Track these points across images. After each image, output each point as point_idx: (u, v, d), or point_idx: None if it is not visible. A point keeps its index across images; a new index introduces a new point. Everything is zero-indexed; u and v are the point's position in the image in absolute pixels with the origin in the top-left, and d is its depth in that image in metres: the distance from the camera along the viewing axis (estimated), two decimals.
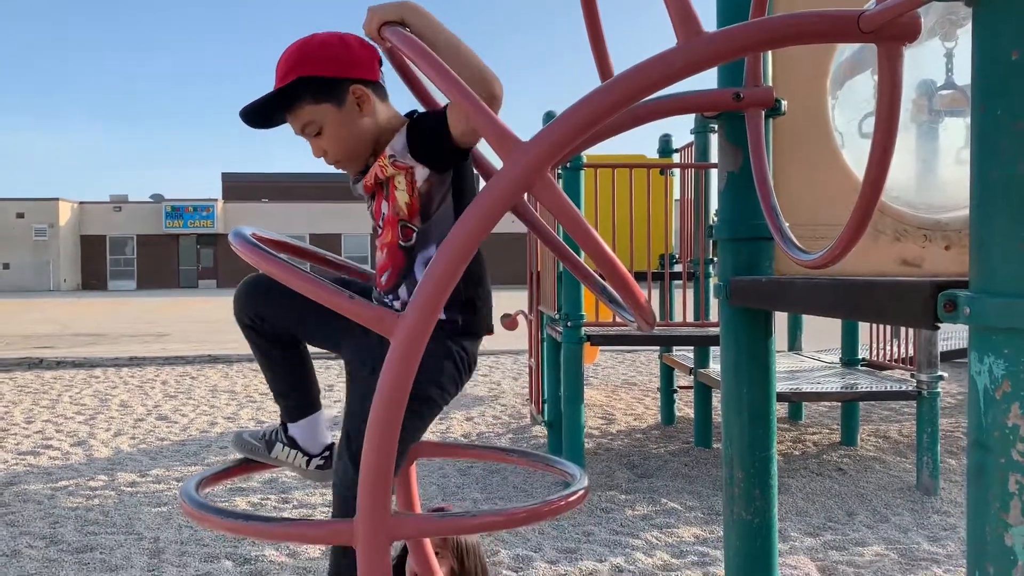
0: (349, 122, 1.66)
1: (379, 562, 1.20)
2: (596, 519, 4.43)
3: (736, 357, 1.99)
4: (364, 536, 1.18)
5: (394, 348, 1.19)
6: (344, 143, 1.69)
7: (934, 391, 4.85)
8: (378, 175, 1.68)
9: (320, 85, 1.64)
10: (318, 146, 1.71)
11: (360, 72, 1.66)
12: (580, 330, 4.96)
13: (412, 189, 1.64)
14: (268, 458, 1.76)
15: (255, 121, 1.70)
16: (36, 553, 3.90)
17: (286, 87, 1.63)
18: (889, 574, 3.68)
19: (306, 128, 1.69)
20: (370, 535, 1.18)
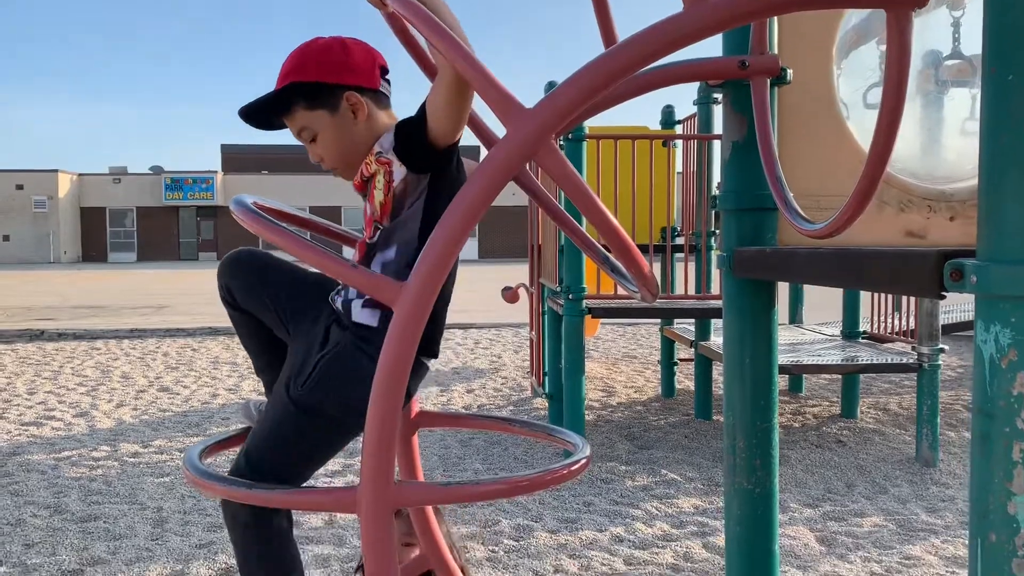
0: (343, 129, 1.65)
1: (382, 530, 1.20)
2: (596, 490, 4.46)
3: (739, 328, 1.98)
4: (367, 504, 1.18)
5: (397, 316, 1.18)
6: (338, 150, 1.67)
7: (935, 363, 4.86)
8: (364, 172, 1.67)
9: (314, 91, 1.63)
10: (314, 151, 1.70)
11: (356, 79, 1.64)
12: (581, 302, 4.96)
13: (388, 188, 1.62)
14: None
15: (255, 123, 1.69)
16: (40, 522, 3.93)
17: (280, 92, 1.63)
18: (887, 544, 3.71)
19: (302, 133, 1.68)
20: (373, 503, 1.18)
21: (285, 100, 1.63)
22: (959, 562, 3.50)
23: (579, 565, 3.46)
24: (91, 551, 3.57)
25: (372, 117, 1.66)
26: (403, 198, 1.61)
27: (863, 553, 3.60)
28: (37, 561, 3.45)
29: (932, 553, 3.61)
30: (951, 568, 3.44)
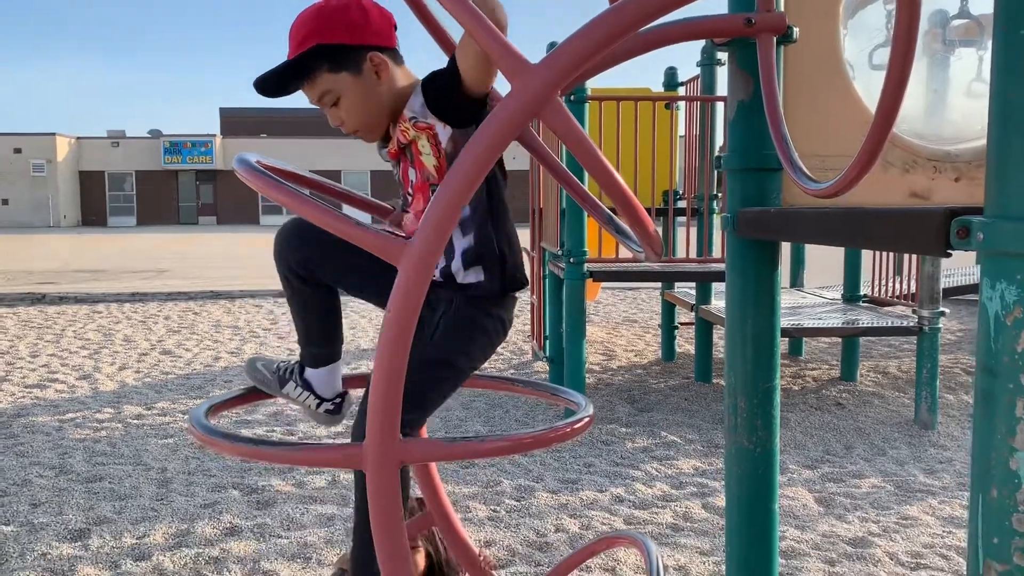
0: (367, 91, 1.62)
1: (388, 485, 1.21)
2: (597, 451, 4.50)
3: (742, 289, 1.98)
4: (373, 460, 1.19)
5: (401, 275, 1.18)
6: (362, 112, 1.65)
7: (935, 327, 4.87)
8: (400, 139, 1.64)
9: (338, 53, 1.59)
10: (335, 115, 1.67)
11: (378, 39, 1.61)
12: (583, 266, 4.96)
13: (438, 151, 1.60)
14: (278, 392, 1.76)
15: (269, 90, 1.66)
16: (46, 482, 3.96)
17: (303, 55, 1.59)
18: (885, 505, 3.75)
19: (323, 97, 1.64)
20: (379, 458, 1.19)
21: (308, 64, 1.60)
22: (956, 522, 3.54)
23: (580, 525, 3.50)
24: (97, 511, 3.61)
25: (393, 76, 1.64)
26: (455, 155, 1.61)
27: (861, 513, 3.64)
28: (44, 520, 3.49)
29: (929, 513, 3.65)
30: (948, 528, 3.48)
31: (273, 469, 4.15)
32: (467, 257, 1.63)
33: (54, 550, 3.21)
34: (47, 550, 3.20)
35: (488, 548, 3.24)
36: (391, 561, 1.24)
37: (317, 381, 1.77)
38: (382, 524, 1.24)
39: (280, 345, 7.73)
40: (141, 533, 3.38)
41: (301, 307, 1.75)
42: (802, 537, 3.38)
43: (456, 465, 4.18)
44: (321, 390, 1.77)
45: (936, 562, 3.16)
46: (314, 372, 1.77)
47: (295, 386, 1.76)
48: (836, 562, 3.15)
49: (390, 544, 1.24)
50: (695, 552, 3.25)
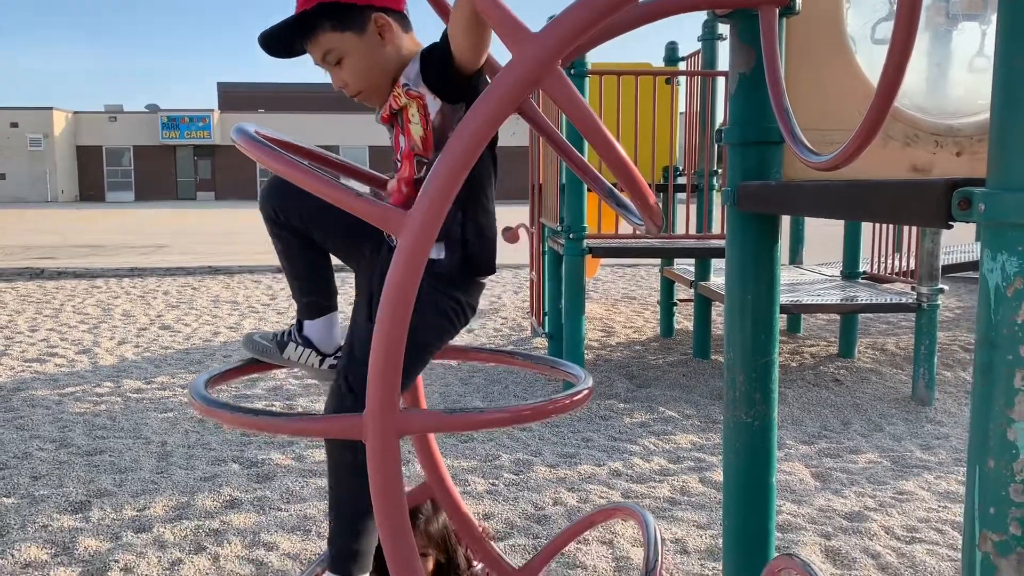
0: (370, 52, 1.60)
1: (388, 456, 1.22)
2: (595, 426, 4.51)
3: (742, 263, 1.98)
4: (373, 430, 1.19)
5: (401, 245, 1.18)
6: (365, 74, 1.62)
7: (934, 303, 4.88)
8: (392, 105, 1.63)
9: (342, 12, 1.58)
10: (338, 76, 1.65)
11: (385, 1, 1.60)
12: (582, 242, 4.95)
13: (426, 122, 1.59)
14: (279, 359, 1.74)
15: (275, 50, 1.64)
16: (46, 455, 3.98)
17: (307, 12, 1.57)
18: (881, 480, 3.77)
19: (326, 56, 1.63)
20: (379, 429, 1.19)
21: (312, 22, 1.59)
22: (951, 497, 3.57)
23: (578, 498, 3.52)
24: (97, 483, 3.63)
25: (398, 40, 1.62)
26: (444, 130, 1.59)
27: (857, 488, 3.67)
28: (44, 492, 3.51)
29: (925, 488, 3.67)
30: (943, 503, 3.51)
31: (273, 443, 4.16)
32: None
33: (55, 522, 3.23)
34: (48, 522, 3.22)
35: (487, 521, 3.26)
36: (393, 534, 1.25)
37: (316, 335, 1.75)
38: (383, 496, 1.24)
39: (279, 320, 7.74)
40: (141, 505, 3.40)
41: (289, 256, 1.74)
42: (799, 511, 3.41)
43: (455, 439, 4.20)
44: (322, 345, 1.75)
45: (931, 536, 3.18)
46: (312, 325, 1.76)
47: (295, 346, 1.75)
48: (832, 536, 3.18)
49: (391, 517, 1.24)
50: (692, 525, 3.27)
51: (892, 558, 2.99)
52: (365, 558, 1.55)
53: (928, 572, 2.89)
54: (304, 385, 5.32)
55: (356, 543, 1.53)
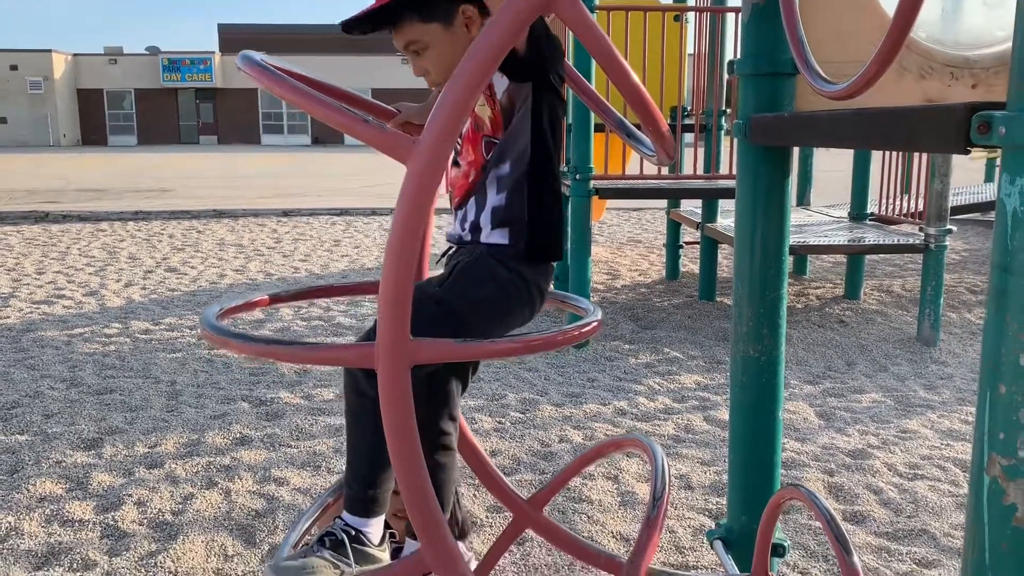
0: (455, 44, 1.56)
1: (399, 385, 1.22)
2: (600, 367, 4.54)
3: (752, 197, 1.96)
4: (385, 358, 1.20)
5: (409, 175, 1.17)
6: (448, 66, 1.57)
7: (941, 244, 4.86)
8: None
9: (431, 3, 1.54)
10: (419, 65, 1.60)
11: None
12: (588, 183, 4.92)
13: (493, 102, 1.56)
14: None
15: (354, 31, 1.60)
16: (58, 394, 4.02)
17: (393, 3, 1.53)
18: (885, 419, 3.80)
19: (409, 46, 1.59)
20: (391, 357, 1.20)
21: (397, 11, 1.55)
22: (954, 435, 3.60)
23: (583, 436, 3.56)
24: (108, 421, 3.67)
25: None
26: (511, 109, 1.55)
27: (861, 427, 3.70)
28: (57, 430, 3.56)
29: (928, 427, 3.70)
30: (946, 441, 3.54)
31: (281, 382, 4.20)
32: (496, 216, 1.56)
33: (68, 458, 3.27)
34: (61, 458, 3.27)
35: (494, 458, 3.30)
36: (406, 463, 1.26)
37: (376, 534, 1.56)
38: (395, 426, 1.25)
39: (284, 263, 7.74)
40: (153, 442, 3.45)
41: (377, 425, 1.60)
42: (802, 449, 3.44)
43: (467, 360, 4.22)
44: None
45: (933, 472, 3.22)
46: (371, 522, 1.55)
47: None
48: (835, 472, 3.21)
49: (404, 446, 1.26)
50: (696, 462, 3.31)
51: (894, 494, 3.03)
52: (380, 503, 1.55)
53: (930, 507, 2.92)
54: (312, 327, 5.35)
55: (372, 488, 1.54)
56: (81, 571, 2.46)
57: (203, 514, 2.83)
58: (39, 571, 2.46)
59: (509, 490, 1.92)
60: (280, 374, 4.33)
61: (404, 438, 1.26)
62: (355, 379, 1.49)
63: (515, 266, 1.55)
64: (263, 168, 21.34)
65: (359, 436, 1.53)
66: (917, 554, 2.61)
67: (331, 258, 8.03)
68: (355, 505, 1.52)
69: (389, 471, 1.53)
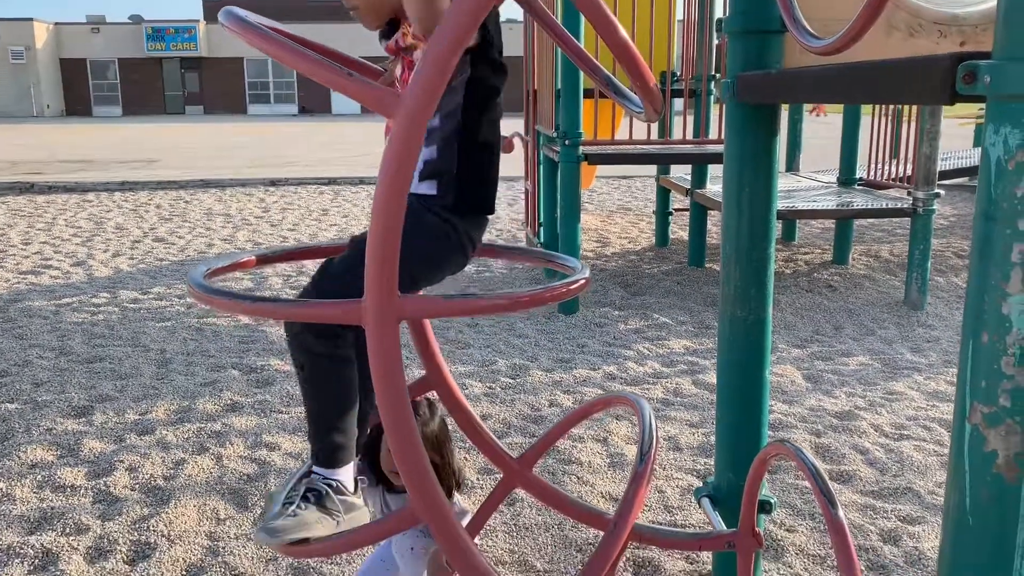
0: None
1: (388, 340, 1.22)
2: (590, 333, 4.56)
3: (740, 155, 1.96)
4: (373, 314, 1.20)
5: (397, 127, 1.16)
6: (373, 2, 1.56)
7: (929, 208, 4.87)
8: (399, 40, 1.57)
9: None
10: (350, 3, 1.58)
11: None
12: (578, 148, 4.90)
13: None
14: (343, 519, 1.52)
15: None
16: (47, 363, 4.02)
17: None
18: (871, 381, 3.83)
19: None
20: (378, 313, 1.20)
21: None
22: (939, 396, 3.63)
23: (573, 400, 3.58)
24: (99, 389, 3.67)
25: None
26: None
27: (848, 389, 3.73)
28: (47, 398, 3.55)
29: (914, 389, 3.73)
30: (932, 402, 3.57)
31: (271, 349, 4.20)
32: (425, 168, 1.54)
33: (59, 425, 3.28)
34: (52, 425, 3.27)
35: (485, 421, 3.32)
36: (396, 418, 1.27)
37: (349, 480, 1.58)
38: (384, 382, 1.26)
39: (272, 233, 7.71)
40: (143, 410, 3.45)
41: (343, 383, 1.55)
42: (789, 411, 3.47)
43: (451, 346, 4.24)
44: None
45: (919, 432, 3.26)
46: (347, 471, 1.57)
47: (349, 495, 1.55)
48: (822, 433, 3.25)
49: (393, 401, 1.26)
50: (684, 424, 3.34)
51: (880, 454, 3.06)
52: (347, 450, 1.56)
53: (915, 466, 2.96)
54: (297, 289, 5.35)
55: (338, 437, 1.55)
56: (74, 535, 2.47)
57: (195, 479, 2.84)
58: (32, 535, 2.47)
59: (499, 449, 1.93)
60: (270, 342, 4.33)
61: (392, 392, 1.27)
62: (304, 342, 1.50)
63: (444, 214, 1.54)
64: (250, 138, 21.17)
65: (318, 393, 1.55)
66: (902, 511, 2.65)
67: (319, 227, 8.00)
68: (327, 458, 1.54)
69: (351, 419, 1.56)
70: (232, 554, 2.38)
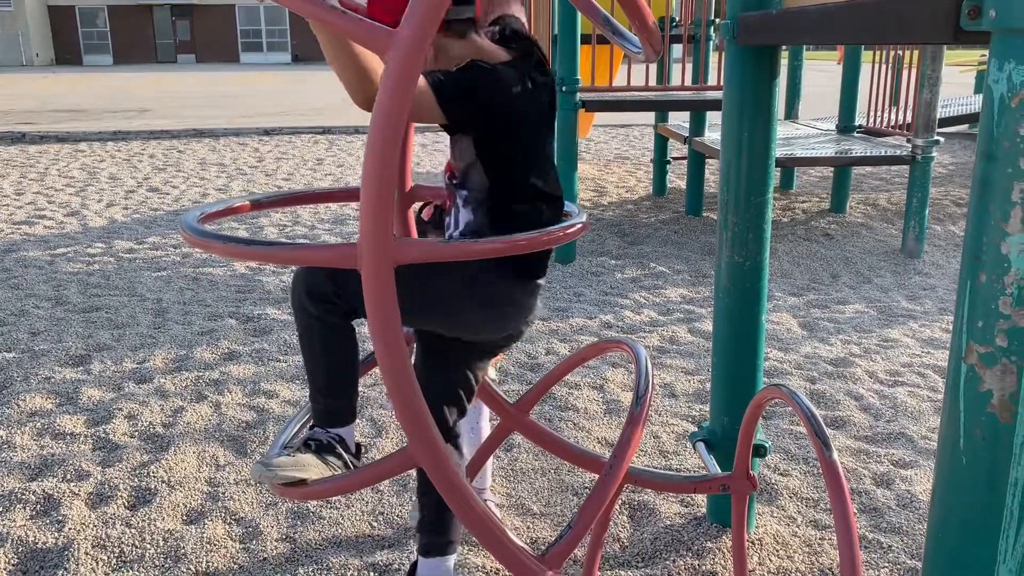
0: None
1: (383, 285, 1.21)
2: (586, 282, 4.55)
3: (740, 100, 1.94)
4: (368, 258, 1.19)
5: (390, 67, 1.14)
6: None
7: (928, 156, 4.84)
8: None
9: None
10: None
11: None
12: (575, 95, 4.84)
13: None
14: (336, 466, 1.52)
15: None
16: (43, 313, 4.01)
17: None
18: (867, 328, 3.85)
19: None
20: (373, 257, 1.19)
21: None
22: (934, 343, 3.65)
23: (569, 348, 3.59)
24: (96, 338, 3.67)
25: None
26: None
27: (844, 336, 3.75)
28: (44, 347, 3.56)
29: (910, 336, 3.75)
30: (927, 349, 3.59)
31: (268, 299, 4.20)
32: (464, 230, 1.56)
33: (57, 374, 3.28)
34: (50, 374, 3.28)
35: None
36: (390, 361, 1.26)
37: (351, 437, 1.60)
38: (379, 325, 1.25)
39: (267, 182, 7.66)
40: (141, 359, 3.46)
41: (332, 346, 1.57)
42: (785, 358, 3.49)
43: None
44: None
45: (913, 379, 3.28)
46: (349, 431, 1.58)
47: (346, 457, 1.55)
48: (817, 380, 3.27)
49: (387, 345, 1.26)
50: (680, 372, 3.35)
51: (874, 400, 3.09)
52: (345, 412, 1.58)
53: (909, 412, 2.98)
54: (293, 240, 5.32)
55: (333, 399, 1.57)
56: (75, 481, 2.49)
57: (194, 426, 2.86)
58: (33, 482, 2.49)
59: (496, 394, 1.94)
60: (266, 291, 4.32)
61: (388, 337, 1.26)
62: (299, 300, 1.52)
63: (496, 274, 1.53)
64: (242, 87, 20.90)
65: (309, 352, 1.58)
66: (895, 456, 2.68)
67: (314, 176, 7.94)
68: (323, 417, 1.56)
69: (344, 383, 1.58)
70: (232, 499, 2.41)
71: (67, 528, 2.25)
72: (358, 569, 2.10)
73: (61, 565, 2.10)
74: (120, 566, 2.11)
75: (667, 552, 2.17)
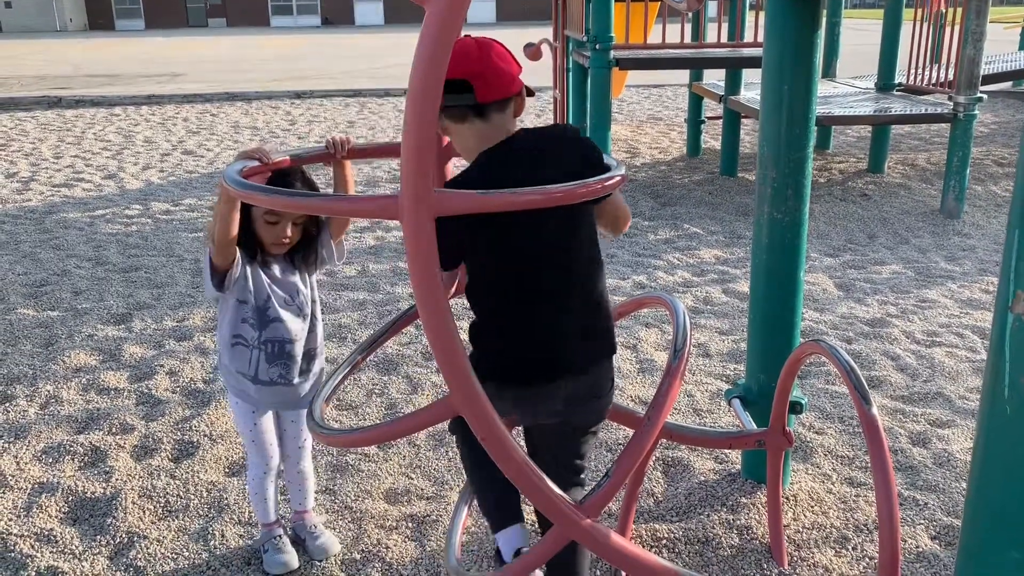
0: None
1: (424, 236, 1.22)
2: (619, 243, 4.54)
3: (780, 54, 1.91)
4: (409, 210, 1.20)
5: (429, 15, 1.14)
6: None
7: (971, 113, 4.73)
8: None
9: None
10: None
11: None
12: (609, 53, 4.79)
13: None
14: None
15: None
16: (85, 272, 4.09)
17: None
18: (904, 289, 3.80)
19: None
20: (414, 208, 1.19)
21: None
22: (974, 304, 3.60)
23: None
24: (136, 297, 3.74)
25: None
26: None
27: (880, 297, 3.71)
28: (87, 306, 3.63)
29: (948, 296, 3.70)
30: (965, 309, 3.55)
31: None
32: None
33: (99, 332, 3.35)
34: (93, 332, 3.35)
35: None
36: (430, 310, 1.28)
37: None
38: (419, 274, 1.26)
39: (299, 145, 7.68)
40: (180, 317, 3.52)
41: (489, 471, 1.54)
42: (820, 318, 3.47)
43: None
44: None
45: (951, 339, 3.24)
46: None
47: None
48: (853, 340, 3.24)
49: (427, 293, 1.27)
50: (715, 332, 3.35)
51: (911, 360, 3.06)
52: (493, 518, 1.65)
53: (946, 372, 2.96)
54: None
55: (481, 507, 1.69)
56: (120, 434, 2.56)
57: None
58: (81, 435, 2.56)
59: None
60: None
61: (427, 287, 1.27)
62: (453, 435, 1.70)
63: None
64: (274, 50, 20.90)
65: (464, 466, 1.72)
66: (932, 415, 2.66)
67: None
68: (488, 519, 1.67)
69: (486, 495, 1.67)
70: None
71: (114, 479, 2.32)
72: (396, 520, 2.14)
73: (110, 513, 2.16)
74: (166, 515, 2.17)
75: (701, 507, 2.18)
